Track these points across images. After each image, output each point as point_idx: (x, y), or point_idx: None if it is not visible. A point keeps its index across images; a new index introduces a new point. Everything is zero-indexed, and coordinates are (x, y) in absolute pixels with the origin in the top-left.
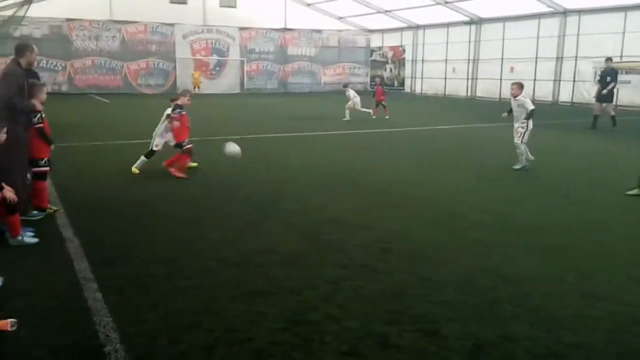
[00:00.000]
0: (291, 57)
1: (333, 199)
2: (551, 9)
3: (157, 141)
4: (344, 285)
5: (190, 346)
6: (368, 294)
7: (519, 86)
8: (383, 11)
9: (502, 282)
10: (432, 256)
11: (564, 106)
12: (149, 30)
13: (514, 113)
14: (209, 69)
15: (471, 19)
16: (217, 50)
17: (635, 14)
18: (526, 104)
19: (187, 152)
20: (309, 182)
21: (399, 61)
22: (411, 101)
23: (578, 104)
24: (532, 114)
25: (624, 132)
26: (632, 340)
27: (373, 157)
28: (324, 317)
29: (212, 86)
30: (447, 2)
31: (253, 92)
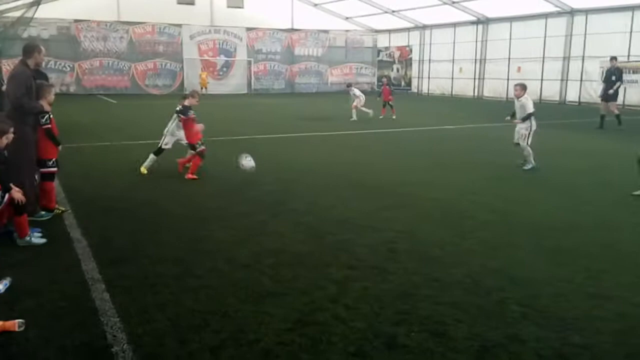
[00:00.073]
0: (298, 58)
1: (341, 199)
2: (558, 9)
3: (168, 139)
4: (351, 286)
5: (197, 347)
6: (376, 294)
7: (521, 87)
8: (390, 11)
9: (509, 283)
10: (440, 257)
11: (571, 106)
12: (156, 31)
13: (516, 114)
14: (216, 70)
15: (478, 18)
16: (224, 51)
17: None
18: (526, 106)
19: (200, 154)
20: (317, 182)
21: (405, 61)
22: (418, 101)
23: (585, 104)
24: (528, 117)
25: (631, 132)
26: None
27: (380, 157)
28: (331, 318)
29: (219, 87)
30: (454, 2)
31: (260, 93)
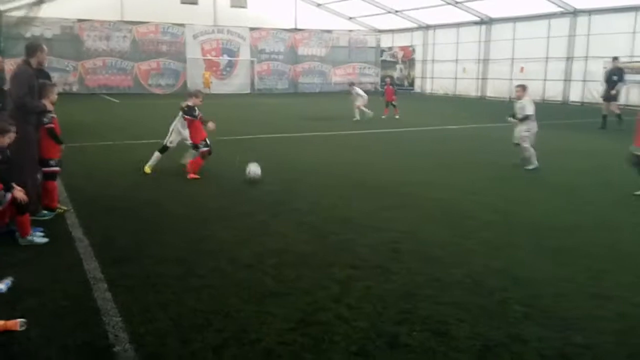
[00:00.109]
0: (301, 57)
1: (343, 199)
2: (561, 9)
3: (173, 137)
4: (354, 286)
5: (200, 346)
6: (378, 294)
7: (522, 88)
8: (393, 11)
9: (511, 282)
10: (442, 257)
11: (574, 106)
12: (159, 31)
13: (517, 115)
14: (220, 69)
15: (481, 19)
16: (227, 51)
17: None
18: (525, 107)
19: (202, 155)
20: (319, 182)
21: (409, 61)
22: (421, 101)
23: (588, 104)
24: (526, 118)
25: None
26: None
27: (383, 157)
28: (334, 318)
29: (222, 86)
30: (457, 2)
31: (263, 93)
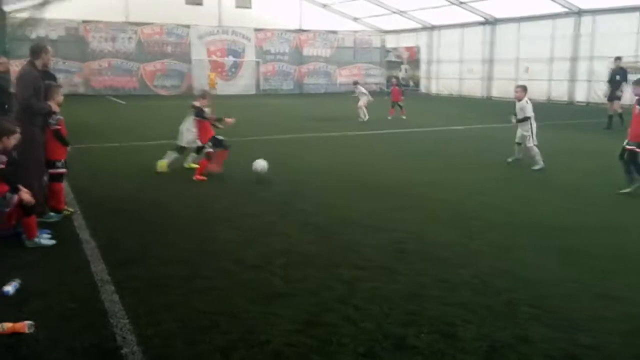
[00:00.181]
0: (307, 58)
1: (350, 200)
2: (566, 9)
3: (186, 136)
4: (360, 287)
5: (207, 348)
6: (385, 295)
7: (522, 89)
8: (398, 12)
9: (518, 283)
10: (448, 257)
11: (580, 106)
12: (164, 32)
13: (517, 115)
14: (225, 70)
15: (486, 19)
16: (232, 52)
17: None
18: (525, 109)
19: (207, 157)
20: (326, 182)
21: (414, 62)
22: (427, 102)
23: (594, 104)
24: (525, 120)
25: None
26: None
27: (389, 158)
28: (340, 319)
29: (227, 87)
30: (462, 3)
31: (269, 93)
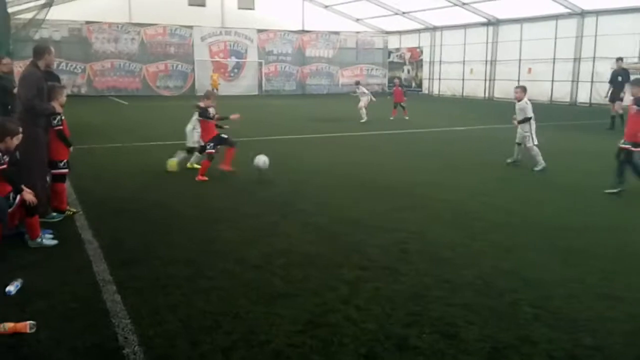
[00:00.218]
0: (309, 59)
1: (352, 200)
2: (568, 10)
3: (193, 136)
4: (363, 287)
5: (209, 348)
6: (387, 295)
7: (522, 90)
8: (400, 13)
9: (521, 284)
10: (451, 258)
11: (582, 107)
12: (167, 33)
13: (517, 116)
14: (227, 71)
15: (489, 20)
16: (235, 52)
17: None
18: (526, 110)
19: (209, 157)
20: (327, 183)
21: (416, 62)
22: (429, 102)
23: (596, 105)
24: (527, 120)
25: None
26: None
27: (391, 158)
28: (342, 319)
29: (230, 88)
30: (464, 4)
31: (271, 94)
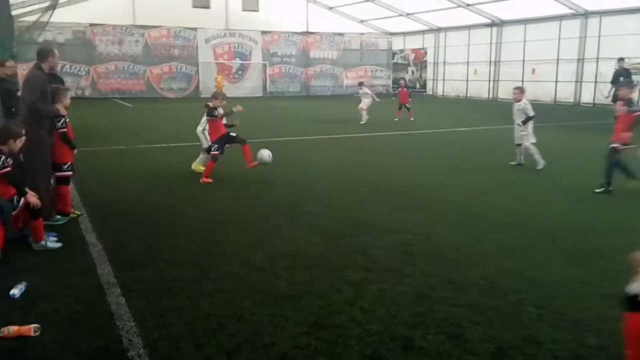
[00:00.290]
0: (313, 60)
1: (356, 202)
2: (572, 11)
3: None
4: (368, 288)
5: (214, 350)
6: (392, 296)
7: (520, 91)
8: (404, 14)
9: (525, 284)
10: (455, 258)
11: (586, 107)
12: (171, 35)
13: (513, 116)
14: (232, 73)
15: (493, 21)
16: (239, 54)
17: None
18: (527, 109)
19: (213, 159)
20: (332, 184)
21: (420, 63)
22: (433, 103)
23: (600, 105)
24: (528, 120)
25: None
26: None
27: (395, 159)
28: (347, 321)
29: (234, 90)
30: (468, 5)
31: (275, 96)
